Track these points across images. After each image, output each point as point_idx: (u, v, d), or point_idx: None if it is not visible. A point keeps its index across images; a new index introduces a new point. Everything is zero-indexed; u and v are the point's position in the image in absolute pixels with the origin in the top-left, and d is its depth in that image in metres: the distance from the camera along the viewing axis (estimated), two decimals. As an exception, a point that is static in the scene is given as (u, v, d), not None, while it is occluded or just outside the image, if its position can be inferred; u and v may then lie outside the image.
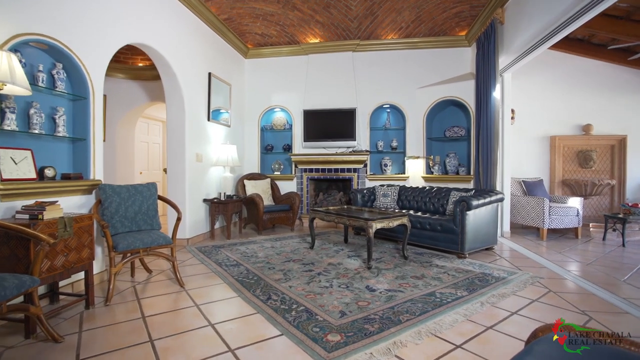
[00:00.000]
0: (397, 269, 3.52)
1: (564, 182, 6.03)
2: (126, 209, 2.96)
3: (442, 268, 3.55)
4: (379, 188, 5.53)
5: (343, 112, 6.12)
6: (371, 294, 2.81)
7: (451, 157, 5.96)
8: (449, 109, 6.23)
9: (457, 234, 3.95)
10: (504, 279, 3.19)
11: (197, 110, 4.90)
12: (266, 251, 4.28)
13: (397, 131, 6.42)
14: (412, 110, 6.13)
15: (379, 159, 6.44)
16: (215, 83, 5.37)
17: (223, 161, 5.26)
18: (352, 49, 6.22)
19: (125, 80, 5.80)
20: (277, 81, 6.60)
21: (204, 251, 4.27)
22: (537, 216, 5.07)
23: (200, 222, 4.98)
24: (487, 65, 4.89)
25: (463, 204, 3.90)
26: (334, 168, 6.26)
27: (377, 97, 6.26)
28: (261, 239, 4.99)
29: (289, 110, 6.55)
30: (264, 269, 3.51)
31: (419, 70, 6.12)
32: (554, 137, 6.07)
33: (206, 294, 2.84)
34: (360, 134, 6.20)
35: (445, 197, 4.80)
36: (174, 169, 4.65)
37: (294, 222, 5.77)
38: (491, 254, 4.21)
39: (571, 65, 6.06)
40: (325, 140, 6.17)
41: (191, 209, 4.73)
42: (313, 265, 3.66)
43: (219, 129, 5.57)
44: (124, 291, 2.91)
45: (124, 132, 5.98)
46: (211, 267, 3.61)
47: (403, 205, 5.34)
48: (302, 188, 6.39)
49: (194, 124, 4.82)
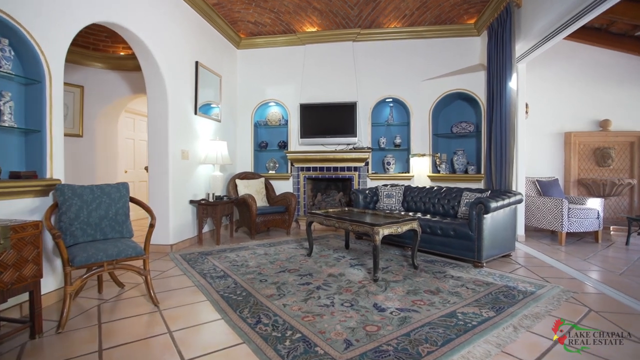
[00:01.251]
0: (408, 281, 3.08)
1: (580, 181, 5.62)
2: (89, 214, 2.50)
3: (458, 280, 3.11)
4: (382, 188, 5.09)
5: (343, 106, 5.67)
6: (380, 314, 2.36)
7: (459, 155, 5.53)
8: (456, 103, 5.80)
9: (473, 240, 3.51)
10: (532, 294, 2.75)
11: (183, 103, 4.43)
12: (258, 259, 3.82)
13: (401, 127, 5.99)
14: (417, 105, 5.70)
15: (381, 156, 6.00)
16: (204, 73, 4.90)
17: (212, 159, 4.79)
18: (352, 38, 5.78)
19: (105, 71, 5.31)
20: (271, 73, 6.14)
21: (189, 259, 3.81)
22: (554, 219, 4.65)
23: (187, 226, 4.52)
24: (501, 54, 4.46)
25: (480, 206, 3.47)
26: (333, 167, 5.82)
27: (379, 91, 5.82)
28: (254, 245, 4.53)
29: (284, 104, 6.09)
30: (254, 282, 3.05)
31: (424, 62, 5.68)
32: (568, 133, 5.66)
33: (184, 316, 2.38)
34: (361, 130, 5.75)
35: (457, 198, 4.36)
36: (156, 167, 4.18)
37: (290, 225, 5.31)
38: (510, 261, 3.78)
39: (587, 57, 5.65)
40: (323, 137, 5.72)
41: (176, 211, 4.26)
42: (311, 276, 3.21)
43: (208, 123, 5.10)
44: (88, 311, 2.45)
45: (105, 127, 5.50)
46: (194, 279, 3.15)
47: (409, 207, 4.90)
48: (299, 188, 5.94)
49: (179, 117, 4.35)
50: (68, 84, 4.91)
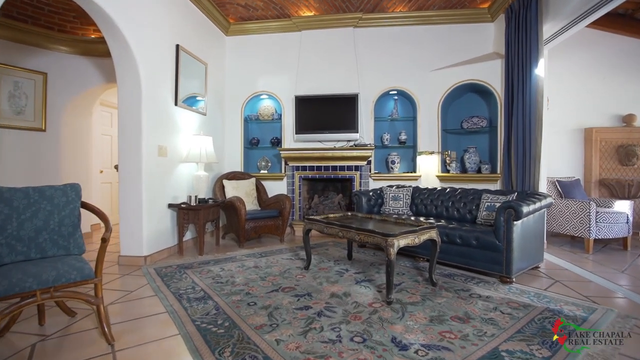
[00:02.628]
0: (428, 302, 2.53)
1: (602, 182, 5.14)
2: (20, 225, 1.90)
3: (487, 300, 2.58)
4: (387, 190, 4.55)
5: (343, 98, 5.12)
6: (403, 355, 1.81)
7: (471, 153, 5.02)
8: (467, 96, 5.29)
9: (500, 251, 2.98)
10: (584, 321, 2.23)
11: (160, 91, 3.84)
12: (247, 273, 3.25)
13: (406, 122, 5.46)
14: (425, 97, 5.17)
15: (384, 154, 5.47)
16: (186, 60, 4.31)
17: (195, 156, 4.20)
18: (353, 23, 5.23)
19: (73, 56, 4.67)
20: (263, 62, 5.56)
21: (165, 274, 3.22)
22: (580, 223, 4.15)
23: (164, 233, 3.92)
24: (524, 38, 3.94)
25: (510, 211, 2.94)
26: (332, 165, 5.26)
27: (383, 82, 5.28)
28: (242, 255, 3.95)
29: (278, 97, 5.52)
30: (241, 306, 2.48)
31: (432, 50, 5.16)
32: (589, 129, 5.18)
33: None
34: (362, 125, 5.21)
35: (474, 201, 3.84)
36: (127, 165, 3.58)
37: (284, 232, 4.74)
38: (539, 275, 3.26)
39: (610, 46, 5.18)
40: (321, 133, 5.16)
41: (151, 217, 3.66)
42: (310, 297, 2.64)
43: (191, 116, 4.51)
44: (19, 353, 1.85)
45: (75, 121, 4.86)
46: (167, 302, 2.57)
47: (418, 211, 4.36)
48: (294, 190, 5.37)
49: (155, 108, 3.75)
50: (27, 69, 4.27)
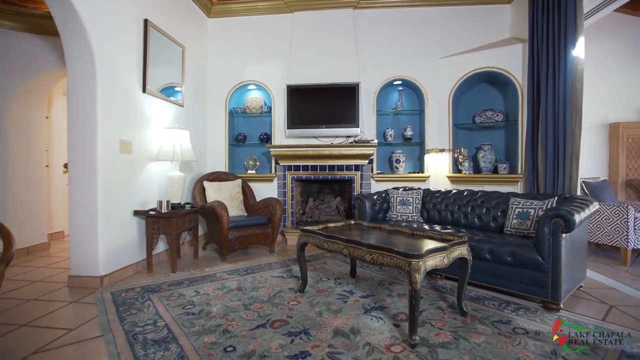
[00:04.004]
0: (463, 343, 1.92)
1: (629, 182, 4.63)
2: None
3: (538, 338, 1.97)
4: (393, 193, 3.94)
5: (341, 88, 4.50)
6: None
7: (486, 151, 4.45)
8: (480, 87, 4.72)
9: (544, 270, 2.39)
10: (682, 375, 1.65)
11: (123, 74, 3.16)
12: (227, 298, 2.59)
13: (412, 116, 4.87)
14: (434, 88, 4.59)
15: (387, 152, 4.87)
16: (158, 40, 3.64)
17: (167, 153, 3.52)
18: (352, 4, 4.61)
19: (19, 33, 3.93)
20: (251, 48, 4.90)
21: (124, 301, 2.55)
22: (616, 231, 3.61)
23: (129, 246, 3.24)
24: (557, 15, 3.39)
25: (558, 221, 2.34)
26: (329, 165, 4.63)
27: (386, 70, 4.68)
28: (224, 271, 3.29)
29: (267, 87, 4.87)
30: (215, 353, 1.83)
31: (441, 34, 4.57)
32: (615, 124, 4.66)
33: None
34: (363, 119, 4.60)
35: (499, 207, 3.25)
36: (78, 164, 2.89)
37: (274, 241, 4.09)
38: (586, 297, 2.68)
39: (637, 32, 4.68)
40: (316, 127, 4.52)
41: (110, 227, 2.98)
42: (308, 337, 2.01)
43: (165, 107, 3.83)
44: None
45: (23, 110, 4.12)
46: (113, 347, 1.90)
47: (430, 218, 3.77)
48: (286, 192, 4.73)
49: (116, 94, 3.07)
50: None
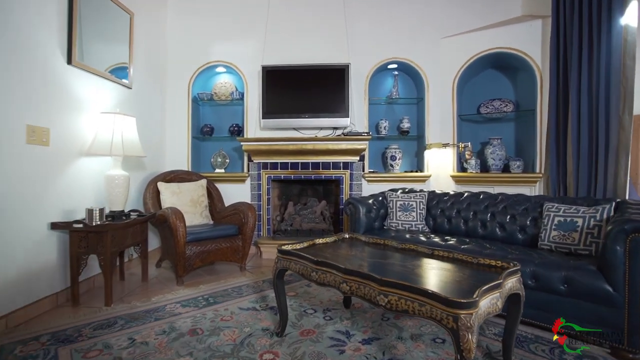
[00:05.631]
0: None
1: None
2: None
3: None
4: (392, 196, 3.25)
5: (327, 71, 3.77)
6: None
7: (495, 146, 3.83)
8: (486, 73, 4.10)
9: (617, 304, 1.73)
10: None
11: (32, 36, 2.30)
12: (174, 352, 1.80)
13: (409, 106, 4.21)
14: (435, 72, 3.93)
15: (381, 148, 4.19)
16: (90, -3, 2.78)
17: (104, 146, 2.67)
18: (340, -29, 3.89)
19: None
20: (220, 22, 4.08)
21: (14, 361, 1.72)
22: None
23: (43, 272, 2.38)
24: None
25: (637, 237, 1.70)
26: (313, 162, 3.90)
27: (380, 51, 3.98)
28: (178, 301, 2.49)
29: (239, 69, 4.07)
30: None
31: (444, 9, 3.92)
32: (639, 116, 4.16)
33: None
34: (353, 109, 3.89)
35: (528, 214, 2.61)
36: (-44, 159, 2.03)
37: (246, 256, 3.31)
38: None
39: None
40: (297, 117, 3.78)
41: (8, 247, 2.12)
42: None
43: (103, 87, 2.97)
44: None
45: None
46: None
47: (437, 227, 3.10)
48: (261, 195, 3.96)
49: (23, 63, 2.21)
50: None
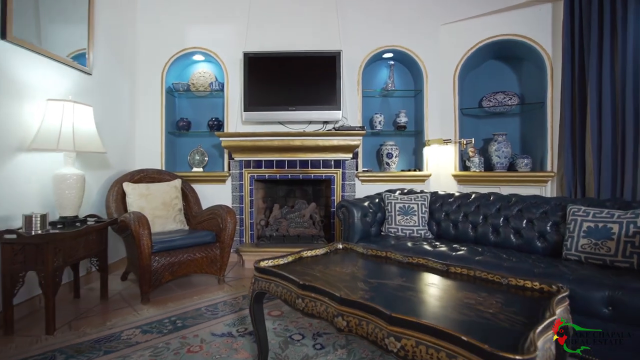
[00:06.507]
0: None
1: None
2: None
3: None
4: (389, 198, 2.89)
5: (317, 58, 3.39)
6: None
7: (500, 143, 3.51)
8: (487, 64, 3.79)
9: (671, 335, 1.41)
10: None
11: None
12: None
13: (406, 99, 3.86)
14: (434, 62, 3.60)
15: (375, 145, 3.83)
16: (35, -38, 2.33)
17: (50, 139, 2.22)
18: (331, -51, 3.52)
19: None
20: (197, 3, 3.66)
21: None
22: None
23: (-32, 293, 1.93)
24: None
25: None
26: (301, 160, 3.51)
27: (374, 39, 3.63)
28: (138, 326, 2.07)
29: (219, 57, 3.65)
30: None
31: (444, -6, 3.60)
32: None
33: None
34: (345, 101, 3.52)
35: (548, 218, 2.28)
36: None
37: (224, 267, 2.90)
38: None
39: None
40: (284, 110, 3.38)
41: None
42: None
43: (55, 71, 2.52)
44: None
45: None
46: None
47: (441, 233, 2.75)
48: (243, 197, 3.55)
49: None
50: None
